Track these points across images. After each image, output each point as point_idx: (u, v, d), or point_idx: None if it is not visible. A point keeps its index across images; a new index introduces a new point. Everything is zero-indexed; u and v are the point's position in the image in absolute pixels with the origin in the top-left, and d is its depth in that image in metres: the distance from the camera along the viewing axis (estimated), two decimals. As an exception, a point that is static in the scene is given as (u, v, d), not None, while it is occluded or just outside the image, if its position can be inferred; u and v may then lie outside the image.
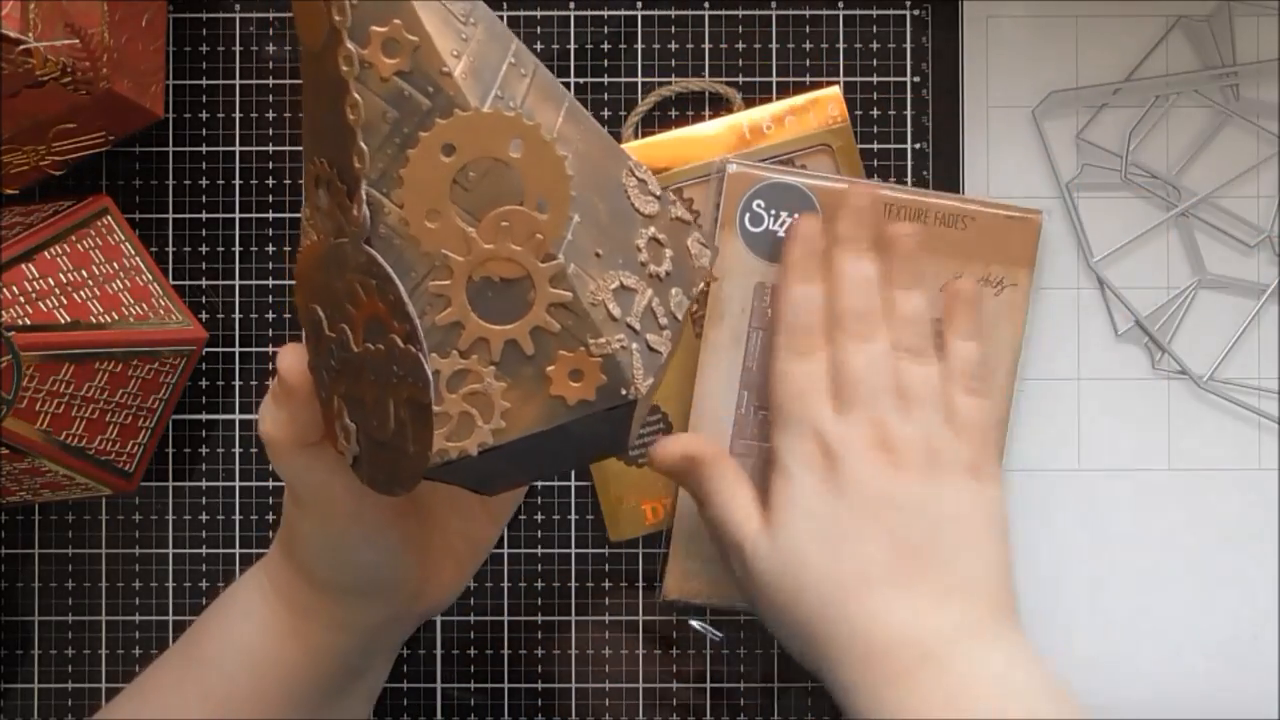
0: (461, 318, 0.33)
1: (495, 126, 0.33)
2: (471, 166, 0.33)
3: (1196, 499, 0.54)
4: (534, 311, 0.33)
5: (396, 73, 0.32)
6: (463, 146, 0.32)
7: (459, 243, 0.33)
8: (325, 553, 0.41)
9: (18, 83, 0.44)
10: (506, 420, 0.34)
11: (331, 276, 0.34)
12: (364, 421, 0.35)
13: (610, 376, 0.34)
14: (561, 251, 0.33)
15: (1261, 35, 0.54)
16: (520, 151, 0.33)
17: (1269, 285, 0.54)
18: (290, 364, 0.37)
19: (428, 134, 0.32)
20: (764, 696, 0.54)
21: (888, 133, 0.54)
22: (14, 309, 0.45)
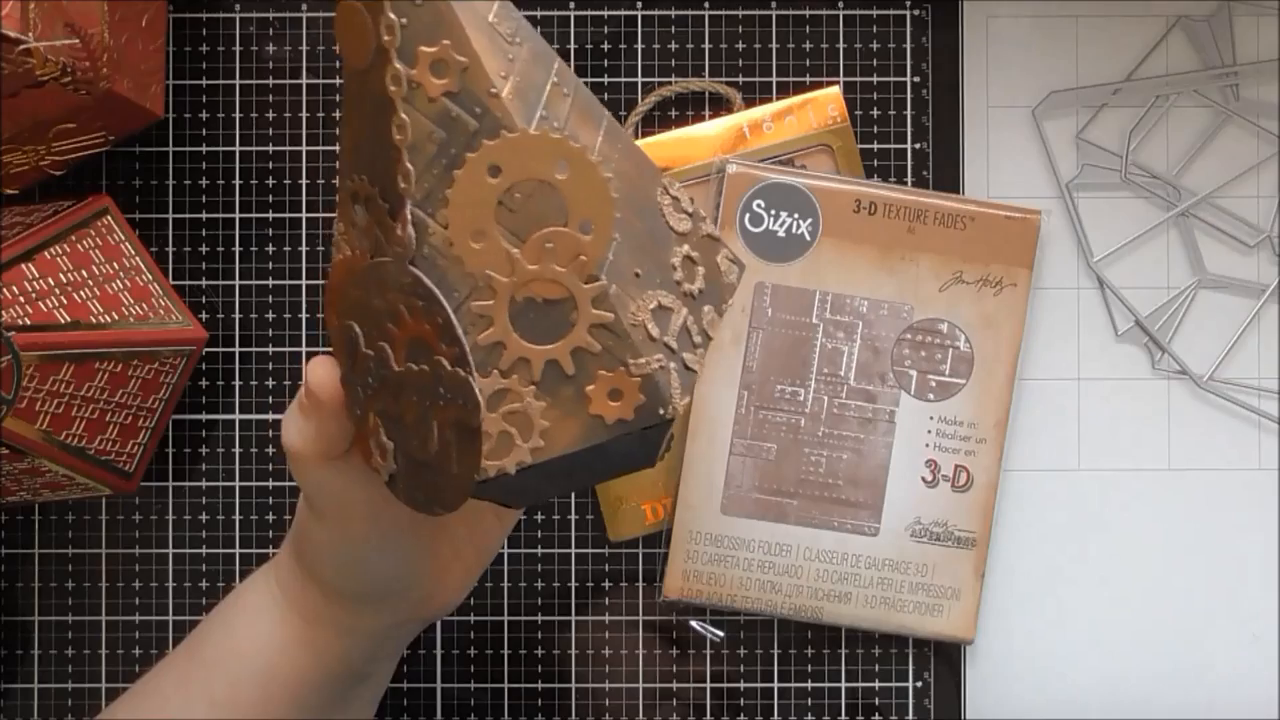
0: (503, 338, 0.33)
1: (542, 148, 0.33)
2: (517, 188, 0.33)
3: (1196, 499, 0.54)
4: (575, 332, 0.33)
5: (444, 93, 0.32)
6: (509, 168, 0.33)
7: (503, 263, 0.33)
8: (340, 561, 0.41)
9: (18, 83, 0.44)
10: (545, 439, 0.34)
11: (371, 294, 0.34)
12: (403, 440, 0.35)
13: (649, 396, 0.34)
14: (604, 272, 0.33)
15: (1261, 35, 0.54)
16: (566, 173, 0.33)
17: (1269, 285, 0.54)
18: (321, 377, 0.37)
19: (474, 155, 0.32)
20: (764, 696, 0.54)
21: (888, 133, 0.54)
22: (14, 309, 0.45)
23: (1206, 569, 0.54)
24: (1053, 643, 0.54)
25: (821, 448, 0.52)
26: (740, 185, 0.52)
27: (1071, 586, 0.54)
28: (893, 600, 0.52)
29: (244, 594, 0.44)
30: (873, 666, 0.54)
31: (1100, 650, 0.54)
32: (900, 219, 0.52)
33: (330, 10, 0.54)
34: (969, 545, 0.52)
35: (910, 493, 0.52)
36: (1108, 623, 0.54)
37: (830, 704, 0.54)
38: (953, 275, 0.52)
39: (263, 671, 0.43)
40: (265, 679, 0.43)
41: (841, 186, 0.52)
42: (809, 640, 0.54)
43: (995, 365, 0.52)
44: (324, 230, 0.54)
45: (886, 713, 0.54)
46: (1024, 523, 0.54)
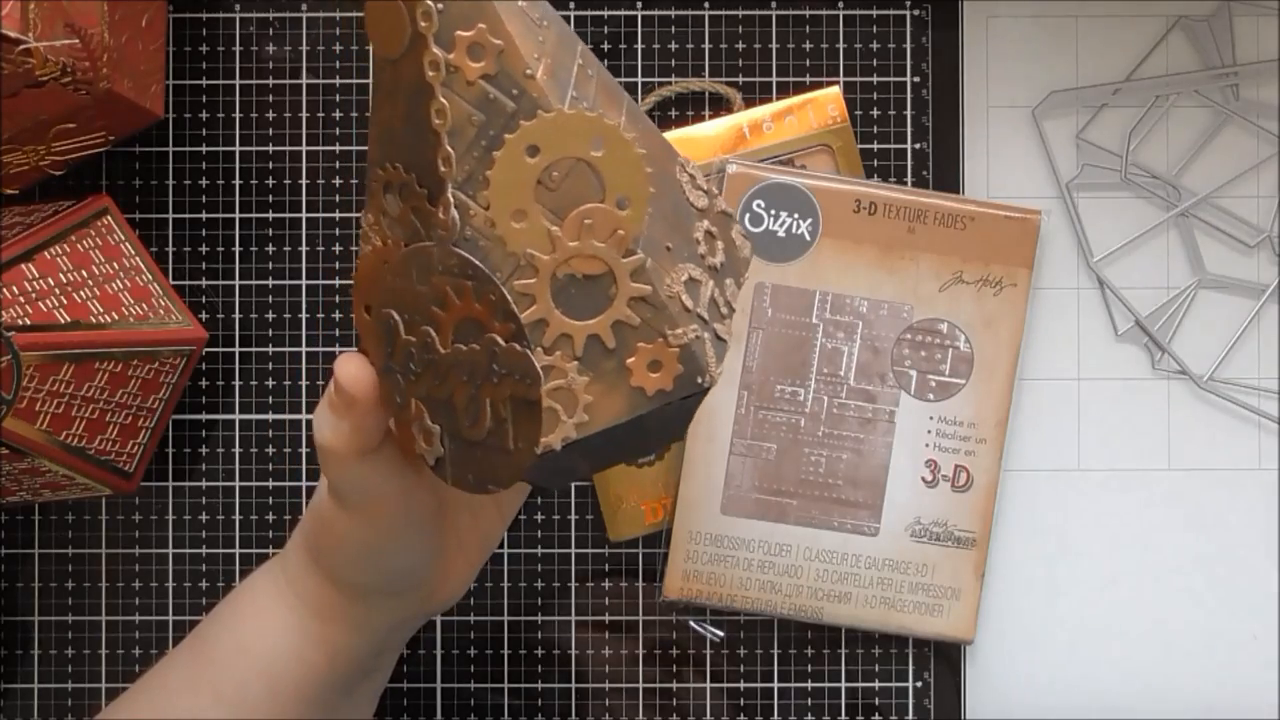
0: (546, 315, 0.33)
1: (578, 127, 0.33)
2: (554, 166, 0.33)
3: (1196, 499, 0.54)
4: (615, 306, 0.34)
5: (482, 76, 0.33)
6: (547, 147, 0.33)
7: (544, 242, 0.33)
8: (363, 555, 0.41)
9: (18, 83, 0.44)
10: (589, 414, 0.34)
11: (413, 280, 0.34)
12: (451, 422, 0.35)
13: (686, 366, 0.34)
14: (640, 247, 0.34)
15: (1261, 35, 0.54)
16: (601, 150, 0.34)
17: (1269, 285, 0.54)
18: (353, 373, 0.37)
19: (513, 136, 0.33)
20: (764, 696, 0.54)
21: (888, 133, 0.54)
22: (14, 309, 0.45)
23: (1206, 569, 0.54)
24: (1053, 643, 0.54)
25: (821, 448, 0.52)
26: (740, 185, 0.52)
27: (1071, 586, 0.54)
28: (893, 600, 0.52)
29: (249, 591, 0.44)
30: (873, 666, 0.54)
31: (1100, 650, 0.54)
32: (900, 219, 0.52)
33: (330, 10, 0.54)
34: (969, 545, 0.52)
35: (910, 493, 0.52)
36: (1107, 623, 0.54)
37: (830, 704, 0.54)
38: (953, 275, 0.52)
39: (271, 669, 0.43)
40: (274, 677, 0.43)
41: (841, 186, 0.52)
42: (809, 640, 0.54)
43: (995, 365, 0.52)
44: (324, 230, 0.54)
45: (886, 713, 0.54)
46: (1024, 523, 0.54)
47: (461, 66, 0.33)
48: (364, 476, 0.39)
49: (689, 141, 0.53)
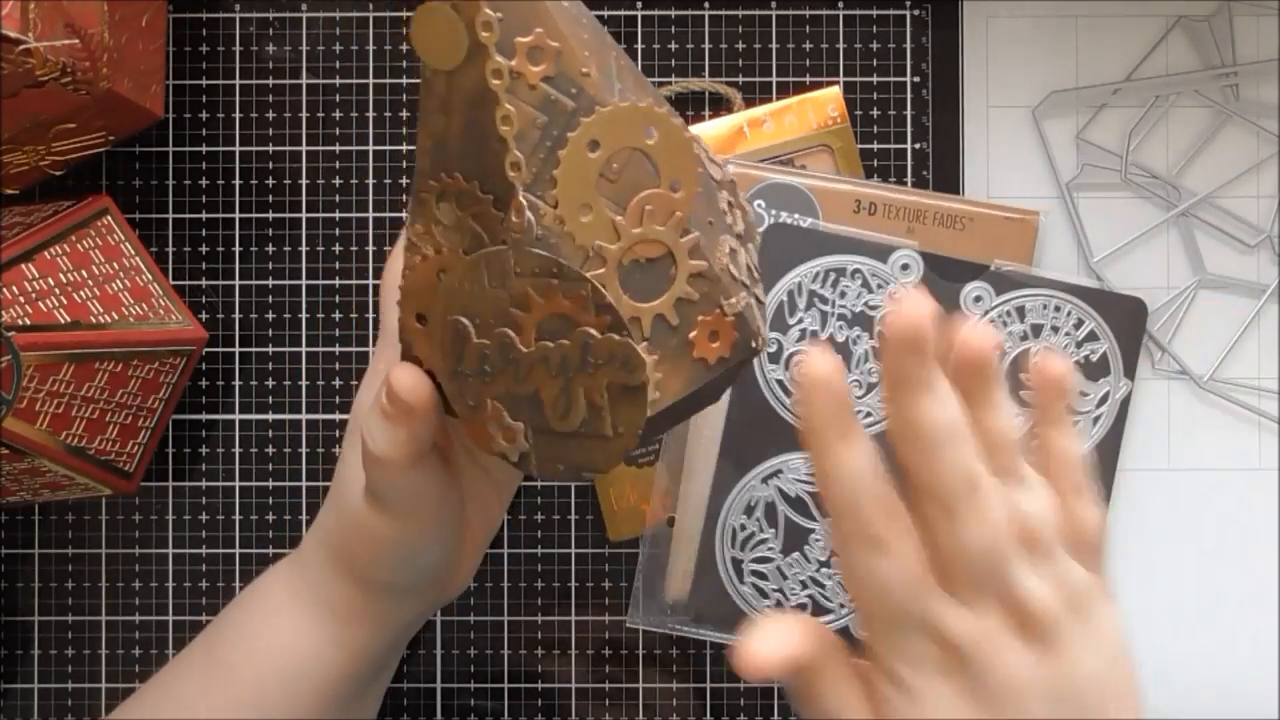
0: (615, 302, 0.34)
1: (634, 118, 0.34)
2: (614, 159, 0.34)
3: (1196, 499, 0.54)
4: (676, 284, 0.35)
5: (544, 79, 0.34)
6: (606, 140, 0.34)
7: (610, 232, 0.34)
8: (404, 558, 0.42)
9: (18, 83, 0.44)
10: (660, 390, 0.35)
11: (484, 285, 0.35)
12: (536, 417, 0.36)
13: (741, 333, 0.36)
14: (692, 225, 0.35)
15: (1261, 35, 0.54)
16: (654, 137, 0.35)
17: (1269, 285, 0.54)
18: (410, 384, 0.37)
19: (575, 134, 0.34)
20: (764, 696, 0.54)
21: (888, 133, 0.54)
22: (14, 309, 0.45)
23: (1206, 569, 0.54)
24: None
25: (821, 448, 0.52)
26: (740, 185, 0.52)
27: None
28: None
29: (261, 594, 0.44)
30: (873, 666, 0.54)
31: (1100, 650, 0.54)
32: (900, 219, 0.52)
33: (331, 10, 0.54)
34: (969, 545, 0.52)
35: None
36: (1108, 623, 0.54)
37: (830, 704, 0.54)
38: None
39: (290, 671, 0.43)
40: (293, 678, 0.43)
41: (841, 186, 0.52)
42: (809, 640, 0.54)
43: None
44: (324, 230, 0.54)
45: (886, 713, 0.54)
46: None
47: (524, 72, 0.33)
48: (412, 482, 0.39)
49: (689, 141, 0.53)
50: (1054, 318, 0.51)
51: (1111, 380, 0.51)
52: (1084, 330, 0.51)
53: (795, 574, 0.51)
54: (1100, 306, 0.51)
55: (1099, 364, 0.51)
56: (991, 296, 0.51)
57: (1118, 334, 0.51)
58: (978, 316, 0.51)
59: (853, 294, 0.50)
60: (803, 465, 0.50)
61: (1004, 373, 0.46)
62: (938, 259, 0.51)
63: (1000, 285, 0.51)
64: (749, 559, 0.51)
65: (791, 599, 0.51)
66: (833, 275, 0.51)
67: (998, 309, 0.51)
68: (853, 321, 0.50)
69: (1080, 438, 0.43)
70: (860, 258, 0.50)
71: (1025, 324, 0.51)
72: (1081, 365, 0.51)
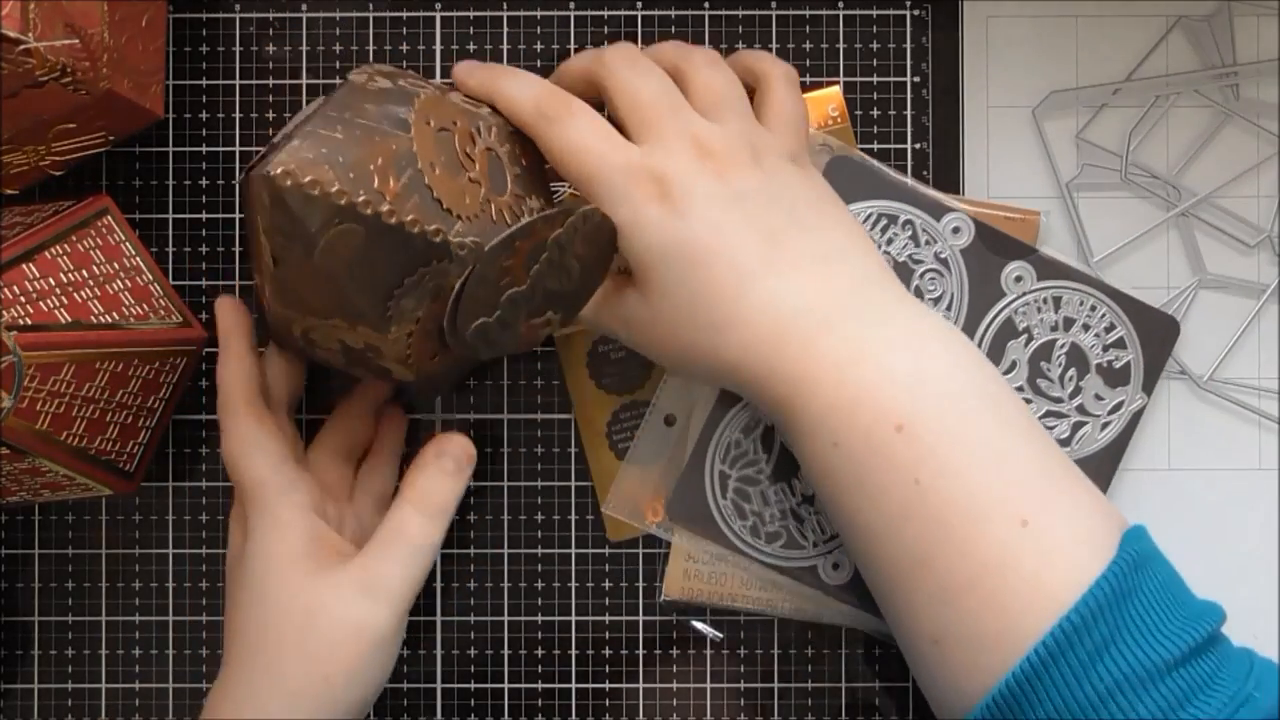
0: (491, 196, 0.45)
1: (442, 107, 0.45)
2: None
3: (1196, 499, 0.54)
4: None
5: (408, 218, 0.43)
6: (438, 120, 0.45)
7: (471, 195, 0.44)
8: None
9: (18, 83, 0.44)
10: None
11: (485, 292, 0.44)
12: (547, 297, 0.45)
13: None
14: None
15: (1261, 35, 0.54)
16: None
17: (1269, 285, 0.54)
18: (466, 443, 0.49)
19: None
20: (764, 696, 0.54)
21: (888, 133, 0.54)
22: (14, 309, 0.45)
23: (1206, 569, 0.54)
24: (1053, 643, 0.54)
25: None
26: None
27: (1071, 586, 0.54)
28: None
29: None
30: (873, 666, 0.54)
31: (1100, 650, 0.54)
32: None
33: (331, 10, 0.54)
34: (969, 545, 0.52)
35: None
36: (1108, 623, 0.54)
37: (830, 704, 0.54)
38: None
39: None
40: None
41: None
42: (809, 640, 0.54)
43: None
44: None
45: (887, 713, 0.54)
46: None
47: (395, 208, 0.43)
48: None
49: (689, 141, 0.53)
50: (1088, 316, 0.51)
51: (1129, 391, 0.51)
52: (1113, 335, 0.51)
53: (778, 502, 0.51)
54: (1134, 316, 0.51)
55: (1120, 372, 0.51)
56: (1032, 279, 0.51)
57: (1145, 346, 0.51)
58: (1012, 297, 0.51)
59: (899, 243, 0.50)
60: None
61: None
62: (988, 230, 0.51)
63: (1043, 270, 0.51)
64: (735, 475, 0.51)
65: (768, 525, 0.51)
66: (885, 220, 0.51)
67: (1035, 294, 0.51)
68: (894, 270, 0.50)
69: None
70: (915, 209, 0.50)
71: (1059, 315, 0.51)
72: (1103, 370, 0.51)
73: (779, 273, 0.44)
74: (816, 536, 0.51)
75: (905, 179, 0.52)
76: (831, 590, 0.50)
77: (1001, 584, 0.41)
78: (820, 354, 0.43)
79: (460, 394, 0.54)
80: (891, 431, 0.42)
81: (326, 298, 0.43)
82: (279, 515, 0.46)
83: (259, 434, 0.47)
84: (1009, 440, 0.43)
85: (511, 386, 0.54)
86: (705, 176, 0.44)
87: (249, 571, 0.46)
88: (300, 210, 0.41)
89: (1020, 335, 0.51)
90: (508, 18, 0.54)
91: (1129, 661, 0.40)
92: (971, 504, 0.41)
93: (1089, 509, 0.43)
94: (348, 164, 0.41)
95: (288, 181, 0.40)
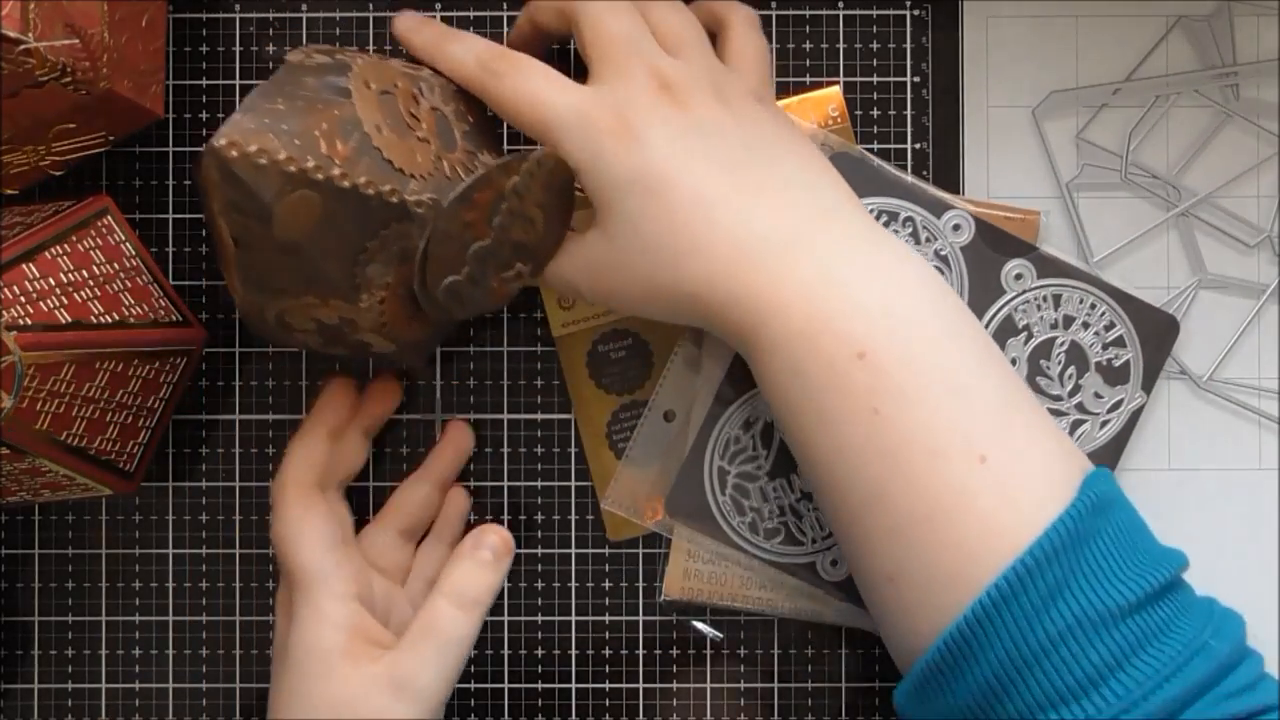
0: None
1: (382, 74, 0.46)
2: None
3: (1196, 499, 0.54)
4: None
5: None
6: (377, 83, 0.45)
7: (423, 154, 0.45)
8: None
9: (18, 83, 0.44)
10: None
11: (450, 252, 0.44)
12: (519, 249, 0.46)
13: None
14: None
15: (1261, 35, 0.54)
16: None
17: (1269, 285, 0.54)
18: (508, 536, 0.49)
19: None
20: (764, 697, 0.54)
21: (888, 133, 0.54)
22: (14, 309, 0.45)
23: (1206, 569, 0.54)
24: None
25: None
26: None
27: (1071, 586, 0.54)
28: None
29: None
30: (873, 666, 0.54)
31: (1100, 650, 0.54)
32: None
33: (331, 10, 0.54)
34: (969, 545, 0.52)
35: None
36: (1108, 623, 0.54)
37: (830, 704, 0.54)
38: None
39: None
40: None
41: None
42: (809, 640, 0.54)
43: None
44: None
45: (887, 713, 0.54)
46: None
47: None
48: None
49: (689, 141, 0.53)
50: (1087, 314, 0.51)
51: (1129, 389, 0.51)
52: (1113, 334, 0.51)
53: (776, 498, 0.51)
54: (1134, 315, 0.51)
55: (1120, 370, 0.51)
56: (1032, 276, 0.51)
57: (1145, 345, 0.51)
58: (1012, 294, 0.51)
59: (901, 239, 0.50)
60: None
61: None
62: (988, 228, 0.51)
63: (1043, 268, 0.51)
64: (734, 471, 0.51)
65: (766, 520, 0.51)
66: (885, 217, 0.50)
67: (1035, 291, 0.51)
68: None
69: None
70: (916, 207, 0.50)
71: (1058, 313, 0.51)
72: (1103, 368, 0.51)
73: (742, 199, 0.44)
74: (815, 533, 0.51)
75: (905, 175, 0.52)
76: (829, 587, 0.51)
77: (958, 521, 0.41)
78: (784, 280, 0.43)
79: (460, 394, 0.54)
80: (853, 359, 0.42)
81: (292, 273, 0.43)
82: (320, 605, 0.46)
83: (306, 518, 0.47)
84: (973, 375, 0.43)
85: (511, 386, 0.54)
86: (665, 107, 0.44)
87: (291, 660, 0.46)
88: (252, 181, 0.41)
89: (1020, 333, 0.51)
90: (507, 18, 0.54)
91: (1083, 605, 0.39)
92: (929, 437, 0.41)
93: (1052, 450, 0.43)
94: (292, 131, 0.42)
95: (234, 153, 0.41)
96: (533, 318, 0.54)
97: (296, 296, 0.44)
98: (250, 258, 0.43)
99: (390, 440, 0.54)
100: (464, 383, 0.54)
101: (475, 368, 0.54)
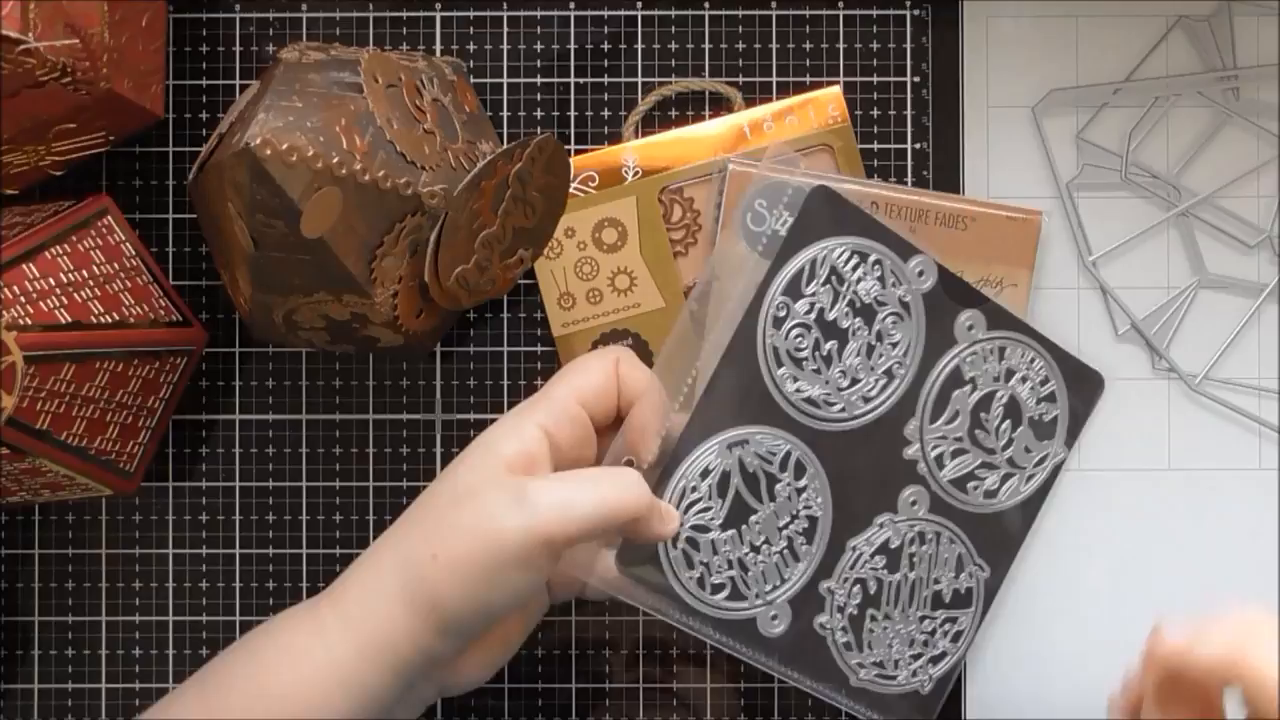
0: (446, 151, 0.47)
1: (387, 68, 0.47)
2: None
3: (1196, 499, 0.54)
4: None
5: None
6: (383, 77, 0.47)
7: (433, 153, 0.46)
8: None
9: (18, 83, 0.44)
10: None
11: (460, 242, 0.45)
12: (519, 233, 0.47)
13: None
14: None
15: (1261, 35, 0.54)
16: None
17: (1269, 285, 0.54)
18: (636, 497, 0.44)
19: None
20: (764, 697, 0.54)
21: (888, 133, 0.54)
22: (15, 309, 0.45)
23: (1206, 569, 0.54)
24: (1053, 642, 0.54)
25: (822, 448, 0.52)
26: (742, 184, 0.52)
27: (1071, 586, 0.54)
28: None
29: (272, 637, 0.44)
30: (873, 666, 0.54)
31: (1100, 650, 0.54)
32: (901, 219, 0.52)
33: (331, 10, 0.54)
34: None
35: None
36: (1108, 622, 0.54)
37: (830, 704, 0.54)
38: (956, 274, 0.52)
39: (303, 712, 0.43)
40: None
41: (843, 186, 0.52)
42: (809, 640, 0.54)
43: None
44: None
45: (887, 712, 0.54)
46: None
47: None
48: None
49: (689, 141, 0.53)
50: (1026, 367, 0.52)
51: (1053, 444, 0.52)
52: (1046, 389, 0.52)
53: (726, 551, 0.49)
54: (1066, 371, 0.52)
55: (1049, 425, 0.52)
56: (982, 328, 0.51)
57: (1072, 402, 0.52)
58: (962, 346, 0.51)
59: (868, 283, 0.50)
60: (767, 441, 0.50)
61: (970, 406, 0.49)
62: (949, 275, 0.51)
63: (993, 320, 0.51)
64: (687, 524, 0.49)
65: (714, 575, 0.49)
66: (856, 258, 0.50)
67: (983, 343, 0.51)
68: (859, 311, 0.50)
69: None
70: (886, 249, 0.50)
71: (1002, 365, 0.52)
72: (1034, 423, 0.52)
73: None
74: (759, 587, 0.50)
75: (878, 217, 0.51)
76: (767, 647, 0.50)
77: None
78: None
79: (461, 394, 0.54)
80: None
81: (310, 270, 0.44)
82: (519, 418, 0.45)
83: (587, 377, 0.46)
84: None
85: (511, 387, 0.54)
86: None
87: (469, 448, 0.45)
88: (283, 179, 0.41)
89: (966, 384, 0.51)
90: (508, 18, 0.54)
91: None
92: None
93: None
94: (315, 128, 0.42)
95: (268, 151, 0.41)
96: (533, 318, 0.54)
97: (309, 294, 0.45)
98: (268, 257, 0.43)
99: (390, 440, 0.54)
100: (464, 383, 0.54)
101: (475, 368, 0.54)
